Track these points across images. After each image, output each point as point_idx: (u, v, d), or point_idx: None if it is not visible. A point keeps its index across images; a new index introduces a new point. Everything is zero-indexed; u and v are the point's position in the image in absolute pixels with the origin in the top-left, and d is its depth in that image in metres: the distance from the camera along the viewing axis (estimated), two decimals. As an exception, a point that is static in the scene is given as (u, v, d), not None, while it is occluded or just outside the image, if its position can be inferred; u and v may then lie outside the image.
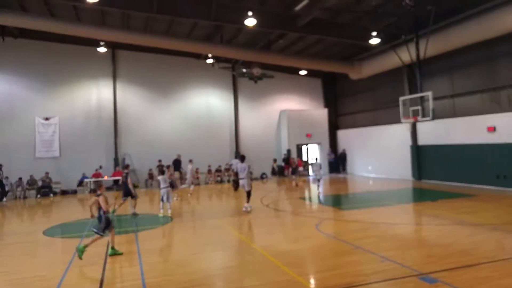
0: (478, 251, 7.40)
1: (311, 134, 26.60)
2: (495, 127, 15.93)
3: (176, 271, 7.00)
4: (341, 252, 7.83)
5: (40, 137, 21.94)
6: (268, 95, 26.71)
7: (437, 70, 18.69)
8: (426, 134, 19.69)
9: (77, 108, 22.76)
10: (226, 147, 25.49)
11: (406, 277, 6.09)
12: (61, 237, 10.78)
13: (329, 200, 16.17)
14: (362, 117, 25.16)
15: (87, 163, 22.10)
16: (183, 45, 19.98)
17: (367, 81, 23.42)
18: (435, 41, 16.69)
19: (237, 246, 9.18)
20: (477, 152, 16.66)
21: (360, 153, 25.19)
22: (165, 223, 11.92)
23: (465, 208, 11.97)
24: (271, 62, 21.80)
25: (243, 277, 6.64)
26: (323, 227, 10.29)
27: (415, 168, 20.35)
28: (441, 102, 18.15)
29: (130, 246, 9.04)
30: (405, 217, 11.87)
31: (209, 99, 25.57)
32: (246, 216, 12.65)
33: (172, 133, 24.20)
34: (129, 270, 7.32)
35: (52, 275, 7.03)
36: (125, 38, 19.08)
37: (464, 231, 9.16)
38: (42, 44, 21.72)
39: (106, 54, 22.99)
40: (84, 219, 12.91)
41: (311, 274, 6.85)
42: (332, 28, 18.59)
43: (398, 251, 7.57)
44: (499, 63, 15.95)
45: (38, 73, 22.03)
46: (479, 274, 6.16)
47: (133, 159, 23.25)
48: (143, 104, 24.12)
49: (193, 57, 24.01)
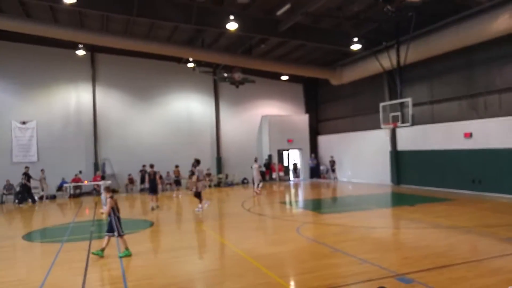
0: (453, 252, 7.61)
1: (293, 140, 26.80)
2: (471, 133, 16.39)
3: (158, 275, 6.94)
4: (321, 255, 7.92)
5: (17, 141, 21.40)
6: (249, 100, 26.79)
7: (417, 76, 19.11)
8: (405, 140, 20.11)
9: (55, 112, 22.30)
10: (207, 152, 25.39)
11: (384, 278, 6.21)
12: (41, 241, 10.54)
13: (310, 205, 16.31)
14: (343, 122, 25.50)
15: (66, 168, 21.66)
16: (164, 49, 19.88)
17: (348, 87, 23.77)
18: (416, 48, 17.04)
19: (218, 250, 9.18)
20: (454, 157, 17.10)
21: (340, 158, 25.50)
22: (145, 227, 11.78)
23: (442, 212, 12.26)
24: (253, 67, 21.91)
25: (224, 280, 6.63)
26: (303, 230, 10.37)
27: (394, 173, 20.74)
28: (420, 108, 18.58)
29: (111, 250, 8.89)
30: (384, 221, 12.08)
31: (190, 103, 25.47)
32: (227, 220, 12.62)
33: (152, 138, 23.97)
34: (110, 274, 7.22)
35: (32, 279, 6.89)
36: (104, 41, 18.82)
37: (440, 234, 9.39)
38: (19, 46, 21.21)
39: (85, 57, 22.61)
40: (63, 223, 12.65)
41: (291, 276, 6.90)
42: (314, 33, 18.84)
43: (376, 254, 7.71)
44: (476, 71, 16.42)
45: (14, 76, 21.52)
46: (453, 274, 6.33)
47: (113, 164, 22.93)
48: (124, 109, 23.83)
49: (174, 61, 23.91)
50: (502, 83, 15.32)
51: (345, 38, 18.69)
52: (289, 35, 18.36)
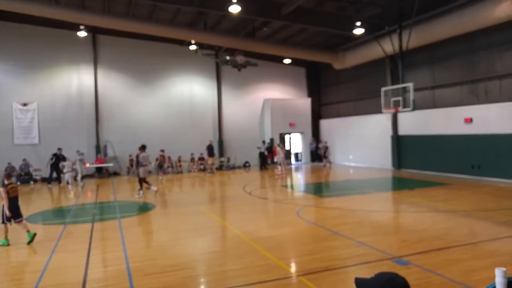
0: (450, 236, 7.75)
1: (294, 123, 26.82)
2: (471, 118, 16.42)
3: (159, 256, 7.12)
4: (320, 238, 8.08)
5: (18, 123, 21.47)
6: (251, 83, 26.71)
7: (419, 61, 19.04)
8: (406, 125, 20.13)
9: (57, 93, 22.31)
10: (209, 135, 25.44)
11: (381, 260, 6.37)
12: (43, 223, 10.73)
13: (310, 188, 16.47)
14: (345, 107, 25.48)
15: (68, 150, 21.78)
16: (166, 31, 19.74)
17: (350, 71, 23.67)
18: (418, 33, 16.97)
19: (219, 232, 9.36)
20: (454, 142, 17.17)
21: (342, 143, 25.58)
22: (147, 210, 11.97)
23: (441, 196, 12.41)
24: (255, 50, 21.76)
25: (224, 262, 6.80)
26: (303, 213, 10.54)
27: (395, 158, 20.84)
28: (422, 93, 18.55)
29: (113, 232, 9.09)
30: (383, 204, 12.23)
31: (193, 86, 25.43)
32: (228, 203, 12.78)
33: (154, 120, 24.03)
34: (113, 255, 7.39)
35: (36, 260, 7.07)
36: (106, 22, 18.71)
37: (438, 217, 9.53)
38: (20, 26, 21.10)
39: (86, 39, 22.51)
40: (65, 206, 12.85)
41: (290, 258, 7.06)
42: (317, 17, 18.66)
43: (375, 237, 7.86)
44: (478, 56, 16.35)
45: (15, 57, 21.45)
46: (449, 256, 6.48)
47: (114, 146, 23.06)
48: (125, 91, 23.81)
49: (176, 44, 23.76)
50: (502, 68, 15.29)
51: (348, 22, 18.54)
52: (292, 18, 18.19)
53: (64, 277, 6.17)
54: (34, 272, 6.34)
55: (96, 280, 6.02)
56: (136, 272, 6.19)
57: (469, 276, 5.56)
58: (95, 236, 8.71)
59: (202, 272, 6.49)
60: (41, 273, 6.29)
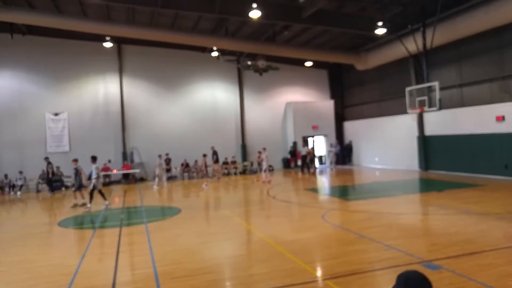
0: (482, 239, 7.47)
1: (317, 126, 26.62)
2: (503, 116, 15.83)
3: (186, 260, 7.19)
4: (347, 241, 7.95)
5: (50, 132, 22.33)
6: (273, 87, 26.73)
7: (444, 59, 18.57)
8: (433, 125, 19.63)
9: (85, 103, 23.06)
10: (232, 140, 25.63)
11: (410, 264, 6.19)
12: (75, 228, 11.04)
13: (336, 191, 16.27)
14: (369, 108, 25.11)
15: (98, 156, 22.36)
16: (188, 38, 20.07)
17: (373, 72, 23.34)
18: (442, 30, 16.56)
19: (244, 236, 9.37)
20: (485, 142, 16.60)
21: (367, 145, 25.19)
22: (173, 214, 12.13)
23: (472, 198, 12.00)
24: (276, 54, 21.81)
25: (251, 265, 6.80)
26: (329, 217, 10.41)
27: (422, 159, 20.34)
28: (448, 92, 18.07)
29: (140, 236, 9.25)
30: (411, 207, 11.94)
31: (215, 92, 25.68)
32: (253, 207, 12.78)
33: (178, 127, 24.41)
34: (140, 259, 7.51)
35: (68, 263, 7.27)
36: (131, 33, 19.24)
37: (470, 220, 9.22)
38: (50, 40, 21.98)
39: (112, 49, 23.19)
40: (94, 211, 13.18)
41: (316, 262, 6.99)
42: (338, 18, 18.52)
43: (403, 240, 7.67)
44: (508, 51, 15.78)
45: (46, 69, 22.33)
46: (482, 261, 6.25)
47: (140, 152, 23.52)
48: (150, 98, 24.32)
49: (199, 51, 24.09)
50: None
51: (370, 23, 18.32)
52: (313, 21, 18.13)
53: (94, 279, 6.33)
54: (67, 275, 6.52)
55: (125, 283, 6.13)
56: (163, 275, 6.27)
57: (504, 281, 5.34)
58: (123, 240, 8.90)
59: (228, 276, 6.51)
60: (73, 276, 6.48)
